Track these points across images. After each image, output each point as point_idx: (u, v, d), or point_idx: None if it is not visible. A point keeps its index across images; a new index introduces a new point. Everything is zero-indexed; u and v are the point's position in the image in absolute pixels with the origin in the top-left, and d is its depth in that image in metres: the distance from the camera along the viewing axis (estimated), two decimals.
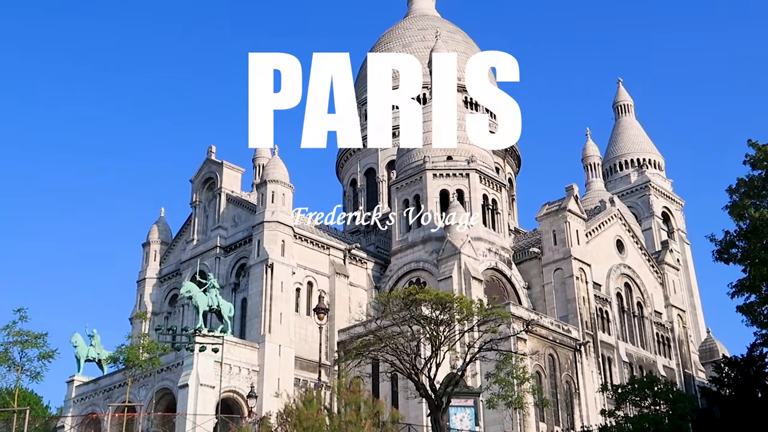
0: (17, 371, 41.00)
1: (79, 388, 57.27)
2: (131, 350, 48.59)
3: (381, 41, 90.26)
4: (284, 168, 62.06)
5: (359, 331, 53.19)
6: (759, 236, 35.45)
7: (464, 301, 40.08)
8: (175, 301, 66.16)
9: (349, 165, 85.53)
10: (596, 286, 63.95)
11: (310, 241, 62.55)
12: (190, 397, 48.11)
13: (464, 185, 64.46)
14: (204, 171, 68.50)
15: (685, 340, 70.96)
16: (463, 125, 69.18)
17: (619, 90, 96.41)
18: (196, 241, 66.80)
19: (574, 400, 57.03)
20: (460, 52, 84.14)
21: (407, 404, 49.25)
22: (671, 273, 73.17)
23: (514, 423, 48.40)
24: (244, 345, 54.04)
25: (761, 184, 36.35)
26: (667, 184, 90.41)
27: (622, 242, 69.58)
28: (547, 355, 56.37)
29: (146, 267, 69.84)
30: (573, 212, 63.77)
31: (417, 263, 62.83)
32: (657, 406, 39.23)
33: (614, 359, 62.51)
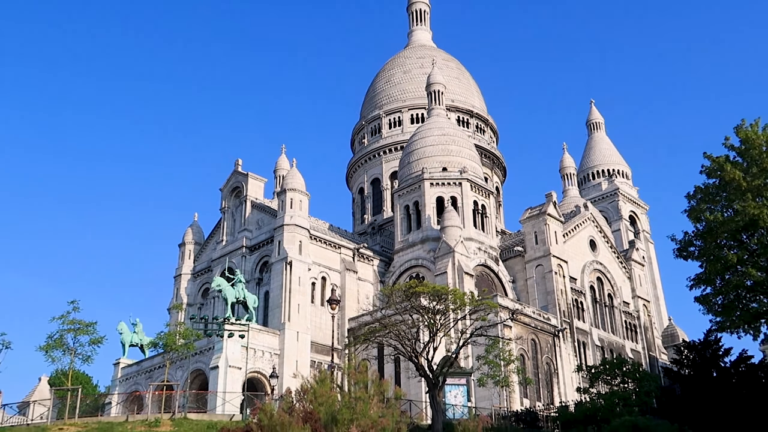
0: (71, 355, 41.08)
1: (124, 370, 57.41)
2: (169, 336, 48.66)
3: (385, 68, 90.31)
4: (301, 178, 62.21)
5: (366, 319, 53.25)
6: (713, 236, 35.48)
7: (458, 294, 40.08)
8: (207, 293, 66.27)
9: (357, 175, 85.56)
10: (572, 279, 63.92)
11: (323, 241, 62.60)
12: (220, 377, 48.19)
13: (457, 193, 64.50)
14: (232, 181, 68.76)
15: (649, 326, 70.85)
16: (456, 140, 69.45)
17: (592, 110, 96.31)
18: (225, 241, 66.92)
19: (553, 379, 56.97)
20: (453, 77, 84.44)
21: (408, 383, 49.29)
22: (637, 268, 73.09)
23: (502, 399, 48.37)
24: (266, 332, 54.10)
25: (715, 191, 36.40)
26: (634, 191, 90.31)
27: (594, 242, 69.55)
28: (530, 340, 56.34)
29: (182, 264, 69.95)
30: (552, 216, 63.79)
31: (416, 260, 62.84)
32: (625, 384, 39.20)
33: (588, 343, 62.45)
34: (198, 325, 50.22)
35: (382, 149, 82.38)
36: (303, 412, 15.63)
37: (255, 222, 65.22)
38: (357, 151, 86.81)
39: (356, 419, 15.13)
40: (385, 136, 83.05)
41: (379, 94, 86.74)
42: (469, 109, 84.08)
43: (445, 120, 72.14)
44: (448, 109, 76.72)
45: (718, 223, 34.92)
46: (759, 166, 34.64)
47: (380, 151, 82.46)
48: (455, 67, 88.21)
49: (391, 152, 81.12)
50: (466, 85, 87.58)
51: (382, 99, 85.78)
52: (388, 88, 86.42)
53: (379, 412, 15.92)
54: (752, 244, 34.45)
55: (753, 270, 33.34)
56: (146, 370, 55.41)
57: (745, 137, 35.87)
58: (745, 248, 34.63)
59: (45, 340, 41.28)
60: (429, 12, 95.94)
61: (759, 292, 34.25)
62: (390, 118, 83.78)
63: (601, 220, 73.28)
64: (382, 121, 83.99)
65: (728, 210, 35.50)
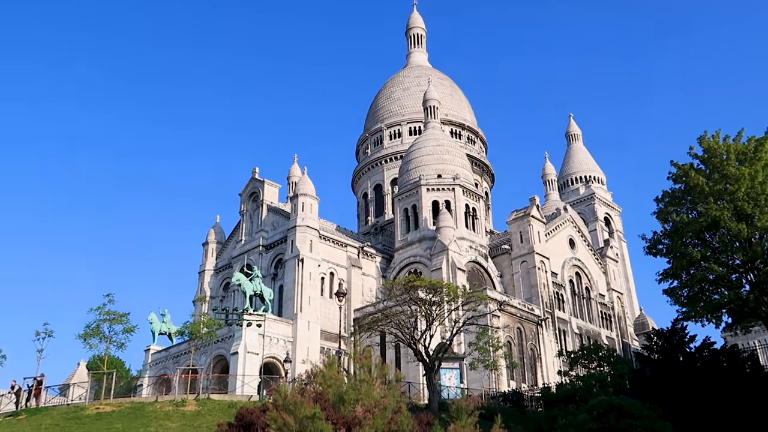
0: (106, 342, 41.08)
1: (154, 355, 57.46)
2: (194, 326, 48.73)
3: (386, 85, 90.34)
4: (311, 184, 62.22)
5: (370, 310, 53.21)
6: (679, 235, 35.41)
7: (451, 287, 40.04)
8: (227, 287, 66.29)
9: (361, 182, 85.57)
10: (554, 274, 63.92)
11: (331, 240, 62.60)
12: (240, 361, 48.22)
13: (451, 197, 64.51)
14: (250, 187, 68.83)
15: (622, 316, 70.84)
16: (450, 150, 69.49)
17: (570, 123, 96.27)
18: (243, 241, 66.96)
19: (537, 363, 56.97)
20: (447, 94, 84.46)
21: (407, 367, 49.29)
22: (612, 264, 73.11)
23: (491, 381, 48.36)
24: (281, 321, 54.11)
25: (681, 195, 36.33)
26: (608, 195, 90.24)
27: (573, 241, 69.53)
28: (516, 328, 56.32)
29: (205, 261, 70.02)
30: (535, 217, 63.80)
31: (415, 257, 62.84)
32: (601, 367, 39.10)
33: (568, 331, 62.43)
34: (220, 316, 50.13)
35: (383, 158, 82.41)
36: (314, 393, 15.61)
37: (270, 223, 65.23)
38: (361, 160, 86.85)
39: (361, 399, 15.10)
40: (386, 147, 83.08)
41: (381, 109, 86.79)
42: (461, 123, 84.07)
43: (439, 132, 72.19)
44: (443, 122, 76.75)
45: (684, 223, 34.87)
46: (720, 173, 34.60)
47: (382, 160, 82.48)
48: (448, 85, 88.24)
49: (391, 161, 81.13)
50: (459, 100, 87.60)
51: (384, 113, 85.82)
52: (389, 103, 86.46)
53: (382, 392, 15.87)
54: (714, 243, 34.41)
55: (715, 266, 33.29)
56: (174, 356, 55.47)
57: (707, 147, 35.83)
58: (708, 246, 34.57)
59: (83, 329, 41.31)
60: (425, 36, 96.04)
61: (720, 285, 34.19)
62: (391, 131, 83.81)
63: (579, 221, 73.30)
64: (384, 133, 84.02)
65: (692, 212, 35.44)
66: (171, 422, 30.56)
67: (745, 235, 32.93)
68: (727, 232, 33.50)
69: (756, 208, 32.95)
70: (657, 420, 24.65)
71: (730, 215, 33.13)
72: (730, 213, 33.16)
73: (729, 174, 34.09)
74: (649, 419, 24.47)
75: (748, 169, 33.65)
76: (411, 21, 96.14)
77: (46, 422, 30.89)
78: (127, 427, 29.39)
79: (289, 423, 13.79)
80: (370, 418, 14.14)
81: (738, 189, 33.22)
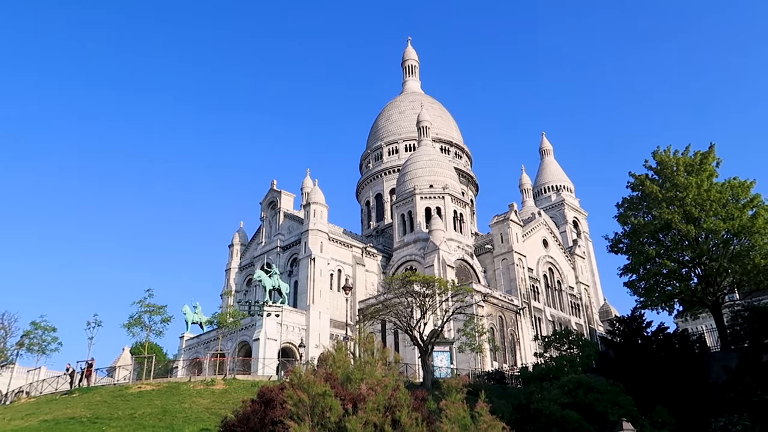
0: (147, 330, 41.00)
1: (187, 342, 57.38)
2: (222, 316, 48.68)
3: (385, 109, 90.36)
4: (322, 194, 62.27)
5: (372, 302, 53.20)
6: (637, 236, 35.56)
7: (442, 281, 40.03)
8: (250, 283, 66.30)
9: (364, 192, 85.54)
10: (530, 270, 63.88)
11: (339, 242, 62.60)
12: (261, 346, 48.16)
13: (441, 204, 64.53)
14: (269, 196, 68.92)
15: (589, 305, 70.76)
16: (440, 164, 69.51)
17: (543, 139, 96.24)
18: (263, 243, 66.98)
19: (516, 346, 56.88)
20: (437, 116, 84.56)
21: (405, 350, 49.24)
22: (579, 261, 73.07)
23: (476, 362, 48.28)
24: (296, 312, 54.06)
25: (638, 201, 36.50)
26: (576, 201, 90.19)
27: (546, 241, 69.51)
28: (498, 316, 56.28)
29: (231, 260, 70.01)
30: (514, 221, 63.80)
31: (410, 256, 62.79)
32: (571, 349, 39.05)
33: (542, 319, 62.36)
34: (243, 307, 50.22)
35: (383, 171, 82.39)
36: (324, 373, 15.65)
37: (287, 228, 65.25)
38: (364, 173, 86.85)
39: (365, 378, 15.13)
40: (385, 162, 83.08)
41: (381, 129, 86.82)
42: (450, 140, 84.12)
43: (431, 149, 72.24)
44: (434, 140, 76.79)
45: (641, 225, 35.00)
46: (671, 182, 34.77)
47: (382, 172, 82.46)
48: (438, 108, 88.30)
49: (390, 174, 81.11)
50: (447, 121, 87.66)
51: (383, 133, 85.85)
52: (387, 124, 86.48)
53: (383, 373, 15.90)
54: (667, 242, 34.54)
55: (667, 261, 33.42)
56: (204, 342, 55.42)
57: (660, 160, 35.99)
58: (661, 245, 34.70)
59: (127, 320, 41.26)
60: (418, 66, 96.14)
61: (672, 279, 34.32)
62: (389, 148, 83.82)
63: (551, 224, 73.28)
64: (383, 149, 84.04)
65: (648, 215, 35.58)
66: (202, 399, 30.56)
67: (693, 235, 33.06)
68: (677, 233, 33.65)
69: (702, 212, 33.12)
70: (619, 394, 24.69)
71: (680, 218, 33.29)
72: (680, 216, 33.31)
73: (679, 183, 34.27)
74: (612, 393, 24.51)
75: (695, 178, 33.84)
76: (406, 54, 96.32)
77: (96, 399, 30.90)
78: (165, 403, 29.38)
79: (304, 399, 13.82)
80: (373, 394, 14.16)
81: (686, 196, 33.40)
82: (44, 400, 33.00)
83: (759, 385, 27.04)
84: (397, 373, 17.57)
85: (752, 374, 27.92)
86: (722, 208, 32.78)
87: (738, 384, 27.51)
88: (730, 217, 32.15)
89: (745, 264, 31.86)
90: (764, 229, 31.88)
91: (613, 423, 21.57)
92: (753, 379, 27.42)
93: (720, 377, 29.45)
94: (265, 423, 15.92)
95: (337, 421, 13.69)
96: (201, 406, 29.02)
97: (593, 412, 23.39)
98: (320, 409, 13.81)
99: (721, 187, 33.66)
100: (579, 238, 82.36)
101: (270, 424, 15.68)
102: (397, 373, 17.87)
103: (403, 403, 14.22)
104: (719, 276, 33.36)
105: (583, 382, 25.19)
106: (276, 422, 15.25)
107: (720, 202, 32.93)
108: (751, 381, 27.32)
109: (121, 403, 29.77)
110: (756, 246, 31.77)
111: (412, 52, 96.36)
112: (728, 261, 32.37)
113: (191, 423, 25.77)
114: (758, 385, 26.99)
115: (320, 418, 13.82)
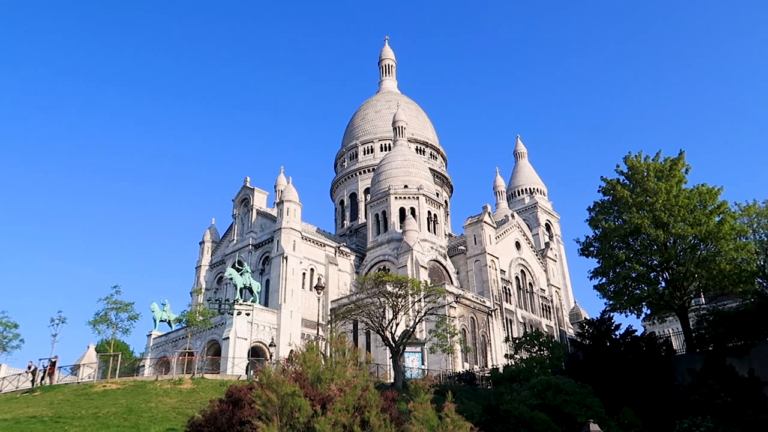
0: (113, 328, 40.25)
1: (155, 340, 56.53)
2: (191, 314, 48.01)
3: (361, 108, 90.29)
4: (295, 192, 61.90)
5: (344, 301, 53.09)
6: (608, 240, 36.00)
7: (415, 282, 40.15)
8: (221, 281, 65.64)
9: (339, 190, 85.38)
10: (502, 271, 64.36)
11: (312, 241, 62.33)
12: (230, 345, 47.69)
13: (415, 205, 64.69)
14: (242, 194, 68.26)
15: (560, 307, 71.59)
16: (415, 165, 69.69)
17: (518, 142, 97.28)
18: (235, 240, 66.34)
19: (487, 347, 57.27)
20: (413, 116, 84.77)
21: (376, 350, 49.22)
22: (551, 263, 73.86)
23: (448, 363, 48.49)
24: (267, 310, 53.67)
25: (609, 206, 36.96)
26: (549, 204, 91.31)
27: (519, 243, 70.15)
28: (470, 318, 56.62)
29: (201, 258, 69.18)
30: (487, 223, 64.24)
31: (384, 256, 62.83)
32: (541, 351, 39.43)
33: (514, 320, 62.92)
34: (213, 305, 49.67)
35: (358, 170, 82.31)
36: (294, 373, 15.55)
37: (259, 225, 64.72)
38: (339, 172, 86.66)
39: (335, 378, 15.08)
40: (360, 161, 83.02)
41: (357, 128, 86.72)
42: (425, 141, 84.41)
43: (406, 149, 72.40)
44: (409, 140, 76.97)
45: (611, 229, 35.47)
46: (641, 187, 35.32)
47: (357, 171, 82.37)
48: (414, 109, 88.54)
49: (365, 173, 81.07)
50: (423, 122, 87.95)
51: (359, 132, 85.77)
52: (363, 123, 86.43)
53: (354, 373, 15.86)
54: (636, 246, 35.05)
55: (637, 265, 33.89)
56: (172, 340, 54.65)
57: (631, 165, 36.54)
58: (631, 249, 35.19)
59: (93, 317, 40.43)
60: (395, 66, 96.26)
61: (641, 282, 34.79)
62: (364, 147, 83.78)
63: (524, 226, 74.00)
64: (359, 149, 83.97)
65: (618, 220, 36.04)
66: (169, 398, 30.11)
67: (662, 240, 33.66)
68: (647, 237, 34.19)
69: (671, 218, 33.73)
70: (587, 396, 25.00)
71: (650, 223, 33.83)
72: (650, 221, 33.86)
73: (649, 188, 34.84)
74: (580, 395, 24.81)
75: (665, 184, 34.44)
76: (383, 53, 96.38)
77: (58, 398, 30.23)
78: (130, 402, 28.88)
79: (272, 399, 13.71)
80: (341, 395, 14.12)
81: (656, 201, 33.96)
82: (4, 399, 32.16)
83: (722, 387, 27.67)
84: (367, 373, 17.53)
85: (716, 377, 28.57)
86: (690, 213, 33.43)
87: (702, 386, 28.10)
88: (698, 223, 32.81)
89: (711, 269, 32.52)
90: (730, 235, 32.62)
91: (581, 424, 21.84)
92: (716, 382, 28.04)
93: (685, 379, 30.03)
94: (233, 423, 15.73)
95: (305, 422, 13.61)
96: (167, 405, 28.57)
97: (562, 414, 23.66)
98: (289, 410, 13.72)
99: (689, 193, 34.33)
100: (551, 240, 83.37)
101: (238, 424, 15.51)
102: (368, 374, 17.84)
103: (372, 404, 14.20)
104: (686, 280, 34.01)
105: (553, 384, 25.45)
106: (244, 422, 15.09)
107: (688, 208, 33.58)
108: (714, 383, 27.94)
109: (85, 402, 29.16)
110: (722, 251, 32.47)
111: (389, 52, 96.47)
112: (695, 266, 33.02)
113: (157, 423, 25.35)
114: (721, 388, 27.61)
115: (289, 418, 13.73)
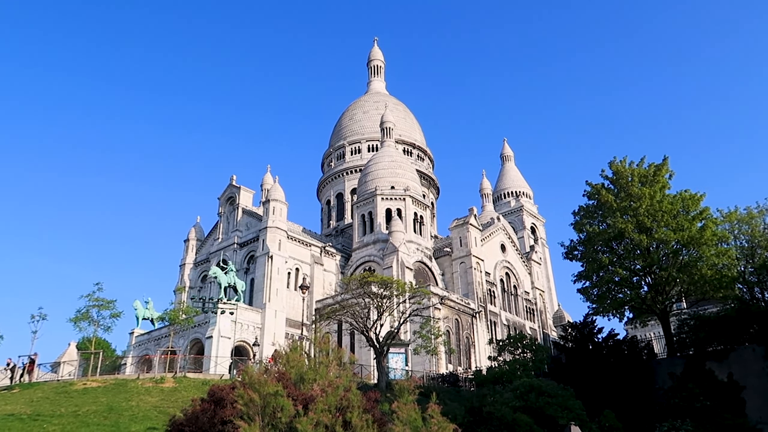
0: (95, 325, 39.82)
1: (137, 338, 56.07)
2: (174, 312, 47.72)
3: (349, 108, 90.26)
4: (281, 191, 61.68)
5: (329, 301, 52.96)
6: (591, 244, 36.30)
7: (400, 283, 40.03)
8: (205, 279, 65.18)
9: (325, 190, 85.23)
10: (487, 274, 64.58)
11: (297, 240, 62.12)
12: (214, 344, 47.44)
13: (402, 206, 64.74)
14: (227, 192, 67.87)
15: (544, 310, 71.98)
16: (402, 166, 69.75)
17: (504, 145, 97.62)
18: (220, 239, 65.95)
19: (471, 349, 57.43)
20: (401, 117, 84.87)
21: (360, 351, 49.17)
22: (536, 266, 74.26)
23: (431, 364, 48.56)
24: (251, 310, 53.43)
25: (593, 210, 37.27)
26: (534, 208, 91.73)
27: (504, 245, 70.45)
28: (454, 319, 56.74)
29: (186, 256, 68.68)
30: (473, 225, 64.44)
31: (369, 257, 62.80)
32: (525, 353, 39.61)
33: (498, 322, 63.16)
34: (197, 304, 49.36)
35: (345, 171, 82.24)
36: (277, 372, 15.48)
37: (245, 224, 64.40)
38: (326, 172, 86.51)
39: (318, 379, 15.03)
40: (347, 161, 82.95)
41: (344, 128, 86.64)
42: (412, 142, 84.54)
43: (393, 150, 72.44)
44: (396, 141, 77.05)
45: (595, 234, 35.76)
46: (625, 192, 35.66)
47: (344, 172, 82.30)
48: (402, 110, 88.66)
49: (352, 173, 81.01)
50: (411, 123, 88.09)
51: (347, 132, 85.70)
52: (351, 124, 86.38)
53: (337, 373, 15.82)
54: (620, 250, 35.36)
55: (620, 269, 34.20)
56: (155, 339, 54.24)
57: (616, 170, 36.88)
58: (614, 253, 35.51)
59: (74, 314, 40.01)
60: (384, 67, 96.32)
61: (624, 286, 35.12)
62: (352, 147, 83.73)
63: (509, 229, 74.30)
64: (346, 149, 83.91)
65: (602, 224, 36.35)
66: (151, 397, 29.84)
67: (645, 245, 33.99)
68: (630, 242, 34.51)
69: (654, 222, 34.08)
70: (569, 398, 25.18)
71: (633, 228, 34.16)
72: (633, 226, 34.19)
73: (633, 193, 35.16)
74: (562, 398, 24.98)
75: (649, 189, 34.80)
76: (372, 54, 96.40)
77: (38, 395, 29.84)
78: (111, 400, 28.57)
79: (254, 399, 13.63)
80: (324, 395, 14.08)
81: (640, 206, 34.30)
82: None
83: (702, 391, 28.03)
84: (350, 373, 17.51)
85: (696, 381, 28.92)
86: (673, 219, 33.81)
87: (682, 390, 28.44)
88: (680, 228, 33.19)
89: (693, 274, 32.92)
90: (711, 240, 33.05)
91: (563, 426, 22.01)
92: (696, 386, 28.40)
93: (666, 383, 30.37)
94: (214, 422, 15.62)
95: (288, 422, 13.55)
96: (149, 404, 28.31)
97: (544, 416, 23.81)
98: (271, 409, 13.64)
99: (672, 199, 34.73)
100: (536, 244, 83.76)
101: (220, 424, 15.40)
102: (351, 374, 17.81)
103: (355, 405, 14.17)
104: (668, 285, 34.38)
105: (535, 386, 25.60)
106: (226, 422, 14.99)
107: (671, 214, 33.97)
108: (694, 387, 28.29)
109: (65, 399, 28.81)
110: (703, 257, 32.88)
111: (378, 53, 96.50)
112: (677, 271, 33.38)
113: (138, 421, 25.10)
114: (701, 392, 27.97)
115: (271, 418, 13.66)
